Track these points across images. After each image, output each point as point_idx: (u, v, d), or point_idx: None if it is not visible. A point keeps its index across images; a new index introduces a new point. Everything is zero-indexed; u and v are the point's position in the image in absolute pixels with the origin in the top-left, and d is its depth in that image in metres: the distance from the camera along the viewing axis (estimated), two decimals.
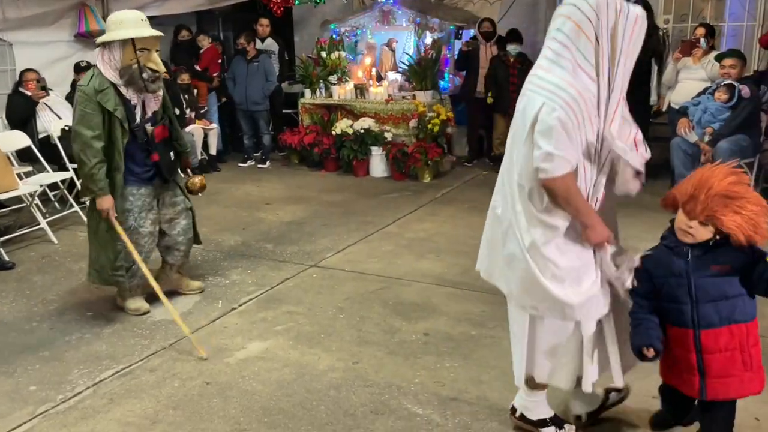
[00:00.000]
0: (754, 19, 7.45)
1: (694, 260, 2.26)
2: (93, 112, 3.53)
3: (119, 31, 3.57)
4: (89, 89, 3.54)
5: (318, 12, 8.96)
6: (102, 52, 3.60)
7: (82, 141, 3.53)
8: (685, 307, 2.27)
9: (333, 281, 4.36)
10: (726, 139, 5.45)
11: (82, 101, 3.54)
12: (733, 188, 2.17)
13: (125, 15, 3.61)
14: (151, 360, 3.37)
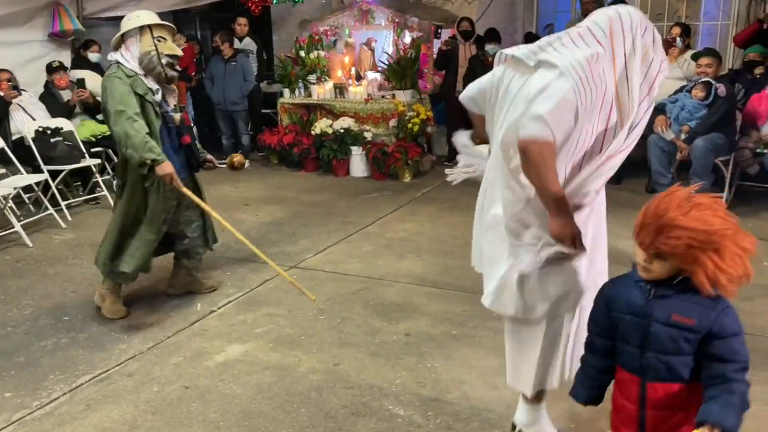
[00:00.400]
0: (728, 18, 7.55)
1: (654, 301, 1.83)
2: (130, 94, 3.58)
3: (135, 21, 3.68)
4: (120, 74, 3.60)
5: (296, 11, 8.92)
6: (120, 50, 3.70)
7: (127, 116, 3.51)
8: (636, 351, 1.87)
9: (313, 282, 4.34)
10: (702, 137, 5.51)
11: (117, 85, 3.56)
12: (692, 215, 1.71)
13: (140, 12, 3.79)
14: (128, 364, 3.32)
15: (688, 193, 1.79)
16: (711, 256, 1.70)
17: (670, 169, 5.74)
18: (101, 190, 6.34)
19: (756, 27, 6.75)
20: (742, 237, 1.74)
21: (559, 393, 2.50)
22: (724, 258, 1.71)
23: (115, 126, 3.54)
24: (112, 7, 8.01)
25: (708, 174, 5.60)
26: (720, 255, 1.70)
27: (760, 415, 2.75)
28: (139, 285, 4.33)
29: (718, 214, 1.73)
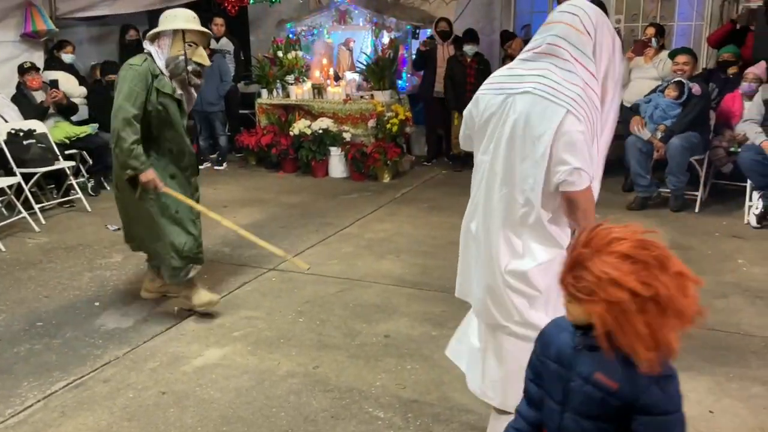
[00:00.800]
0: (702, 19, 7.65)
1: (581, 352, 1.49)
2: (141, 92, 3.52)
3: (171, 23, 3.64)
4: (143, 69, 3.54)
5: (274, 11, 8.87)
6: (153, 45, 3.66)
7: (125, 117, 3.46)
8: (556, 408, 1.53)
9: (292, 284, 4.31)
10: (678, 136, 5.58)
11: (131, 78, 3.50)
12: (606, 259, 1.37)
13: (178, 11, 3.72)
14: (104, 370, 3.27)
15: (626, 229, 1.42)
16: (616, 314, 1.34)
17: (648, 168, 5.80)
18: (75, 192, 6.25)
19: (729, 27, 6.85)
20: (676, 296, 1.35)
21: None
22: (634, 322, 1.34)
23: (114, 118, 3.49)
24: (86, 8, 7.90)
25: (683, 173, 5.68)
26: (628, 316, 1.34)
27: (737, 412, 2.79)
28: (114, 289, 4.27)
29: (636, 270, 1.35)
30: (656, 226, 5.34)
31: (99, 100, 7.08)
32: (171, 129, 3.67)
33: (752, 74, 5.74)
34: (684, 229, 5.28)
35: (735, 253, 4.73)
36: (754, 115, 5.40)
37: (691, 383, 3.01)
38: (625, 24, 7.88)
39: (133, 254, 4.91)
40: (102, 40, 8.73)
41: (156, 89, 3.56)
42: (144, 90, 3.52)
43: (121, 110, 3.47)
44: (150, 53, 3.63)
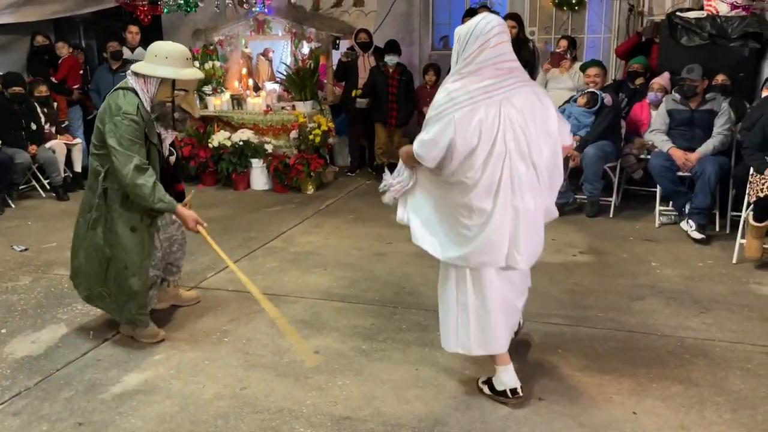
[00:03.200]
0: (610, 32, 8.01)
1: None
2: (140, 142, 3.35)
3: (163, 67, 3.39)
4: (139, 119, 3.33)
5: (189, 20, 8.63)
6: (139, 81, 3.40)
7: (136, 165, 3.28)
8: None
9: (216, 303, 4.17)
10: (592, 145, 5.79)
11: (132, 131, 3.30)
12: None
13: (171, 49, 3.44)
14: (14, 402, 3.04)
15: None
16: None
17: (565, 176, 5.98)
18: None
19: (635, 40, 7.20)
20: None
21: None
22: None
23: (121, 168, 3.28)
24: None
25: (598, 180, 5.90)
26: None
27: (658, 412, 2.89)
28: (22, 314, 4.01)
29: None
30: (573, 231, 5.52)
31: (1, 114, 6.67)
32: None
33: (658, 84, 6.04)
34: (600, 234, 5.48)
35: (648, 255, 4.94)
36: (659, 124, 5.66)
37: (615, 385, 3.10)
38: (539, 36, 8.15)
39: (43, 275, 4.66)
40: (5, 49, 8.23)
41: (147, 139, 3.41)
42: (141, 138, 3.36)
43: (129, 160, 3.27)
44: (136, 91, 3.38)
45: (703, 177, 5.23)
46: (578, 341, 3.56)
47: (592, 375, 3.19)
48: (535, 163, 2.77)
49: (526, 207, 2.80)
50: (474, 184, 2.76)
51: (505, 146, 2.71)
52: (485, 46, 2.69)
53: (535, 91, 2.79)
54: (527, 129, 2.72)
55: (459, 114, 2.66)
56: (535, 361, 3.34)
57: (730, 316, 3.86)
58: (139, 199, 3.36)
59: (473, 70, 2.72)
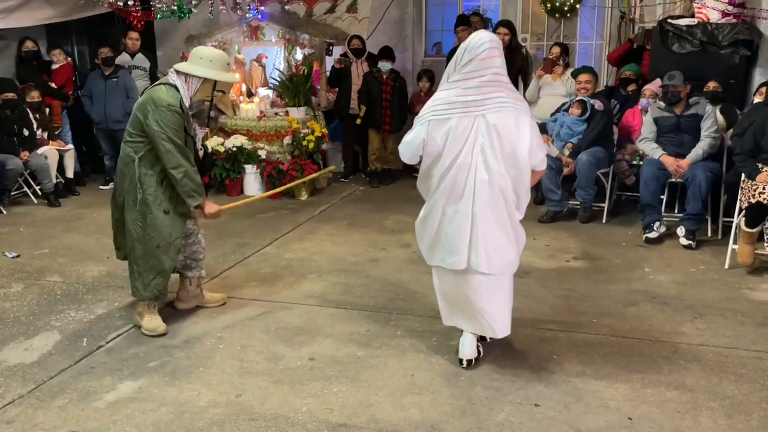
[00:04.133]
0: (601, 38, 8.06)
1: None
2: (181, 130, 3.64)
3: (207, 69, 3.71)
4: (179, 110, 3.63)
5: (182, 26, 8.61)
6: (180, 79, 3.70)
7: (183, 154, 3.62)
8: None
9: (210, 309, 4.15)
10: (585, 152, 5.82)
11: (175, 122, 3.59)
12: None
13: (214, 54, 3.78)
14: (7, 411, 3.02)
15: None
16: None
17: (558, 184, 6.02)
18: None
19: (627, 46, 7.25)
20: None
21: None
22: None
23: (171, 157, 3.59)
24: None
25: (591, 186, 5.92)
26: None
27: (654, 418, 2.90)
28: (15, 321, 3.98)
29: None
30: (567, 237, 5.54)
31: None
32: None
33: (649, 91, 6.08)
34: (593, 239, 5.50)
35: (641, 261, 4.97)
36: (647, 133, 5.67)
37: (610, 391, 3.11)
38: (531, 43, 8.19)
39: (35, 282, 4.63)
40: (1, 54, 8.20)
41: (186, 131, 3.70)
42: (182, 127, 3.65)
43: (179, 148, 3.59)
44: (176, 87, 3.67)
45: (694, 183, 5.26)
46: (573, 347, 3.56)
47: (587, 381, 3.20)
48: (498, 179, 3.03)
49: (485, 216, 3.06)
50: (437, 187, 3.13)
51: (471, 157, 3.01)
52: (474, 59, 3.00)
53: (516, 116, 3.00)
54: (494, 146, 2.99)
55: (434, 119, 3.04)
56: (530, 367, 3.34)
57: (724, 321, 3.88)
58: (179, 183, 3.64)
59: (460, 79, 3.03)
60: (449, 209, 3.12)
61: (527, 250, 5.18)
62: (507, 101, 3.00)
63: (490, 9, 8.68)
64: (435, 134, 3.05)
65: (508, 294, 3.29)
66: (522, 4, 8.24)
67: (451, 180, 3.07)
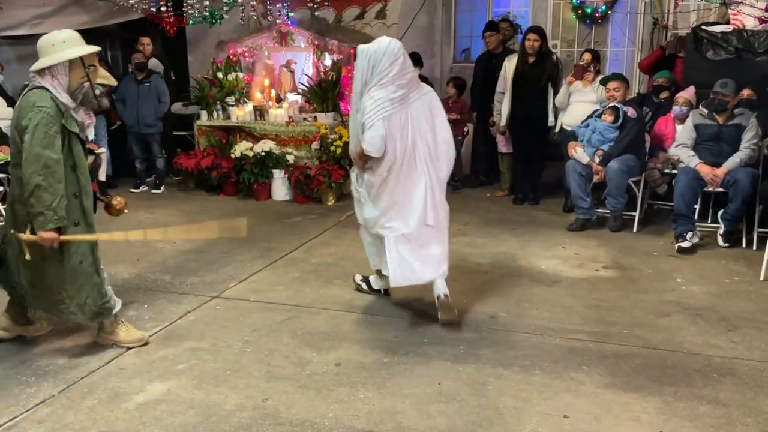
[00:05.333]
0: (633, 45, 7.96)
1: None
2: (56, 135, 3.25)
3: (66, 51, 3.34)
4: (53, 110, 3.25)
5: (213, 32, 8.72)
6: (46, 78, 3.32)
7: (45, 164, 3.19)
8: None
9: (237, 313, 4.18)
10: (616, 159, 5.74)
11: (45, 123, 3.21)
12: None
13: (62, 35, 3.38)
14: (38, 410, 3.06)
15: None
16: None
17: (588, 191, 5.95)
18: (1, 219, 5.93)
19: (659, 54, 7.15)
20: None
21: None
22: None
23: (29, 166, 3.20)
24: (14, 26, 7.62)
25: (622, 195, 5.84)
26: None
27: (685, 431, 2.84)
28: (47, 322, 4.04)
29: None
30: (597, 246, 5.47)
31: None
32: (75, 171, 3.40)
33: (683, 98, 5.99)
34: (624, 249, 5.42)
35: (674, 272, 4.88)
36: (685, 139, 5.60)
37: (641, 403, 3.05)
38: (561, 49, 8.13)
39: None
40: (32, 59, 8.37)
41: (66, 130, 3.32)
42: (58, 134, 3.26)
43: (38, 158, 3.18)
44: (46, 88, 3.31)
45: (736, 185, 5.19)
46: (603, 358, 3.51)
47: (617, 392, 3.15)
48: (431, 151, 3.89)
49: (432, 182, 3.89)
50: (390, 169, 3.85)
51: (411, 139, 3.82)
52: (396, 62, 3.73)
53: (429, 104, 3.90)
54: (423, 128, 3.86)
55: (385, 115, 3.72)
56: (559, 378, 3.30)
57: (759, 334, 3.79)
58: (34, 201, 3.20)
59: (389, 82, 3.73)
60: (406, 182, 3.87)
61: (556, 259, 5.15)
62: (423, 92, 3.89)
63: (520, 15, 8.63)
64: (389, 127, 3.75)
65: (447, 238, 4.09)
66: (552, 10, 8.18)
67: (407, 161, 3.84)
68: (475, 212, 6.66)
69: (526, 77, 6.66)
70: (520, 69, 6.69)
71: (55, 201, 3.23)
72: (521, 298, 4.36)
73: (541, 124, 6.75)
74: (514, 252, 5.35)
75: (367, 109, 3.72)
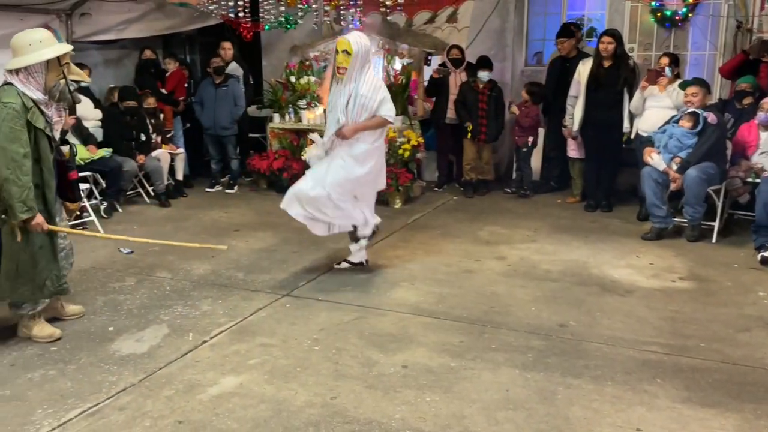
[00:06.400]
0: (715, 49, 7.66)
1: None
2: (22, 129, 3.47)
3: (42, 50, 3.55)
4: (18, 106, 3.47)
5: (287, 37, 8.91)
6: (18, 74, 3.54)
7: (12, 159, 3.43)
8: None
9: (307, 311, 4.26)
10: (694, 167, 5.54)
11: (10, 118, 3.44)
12: None
13: (40, 34, 3.60)
14: (120, 398, 3.22)
15: None
16: None
17: (664, 199, 5.77)
18: (88, 215, 6.24)
19: (741, 58, 6.85)
20: None
21: None
22: None
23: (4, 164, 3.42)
24: (101, 31, 7.98)
25: (701, 204, 5.63)
26: None
27: None
28: (128, 313, 4.24)
29: None
30: (673, 256, 5.30)
31: (114, 124, 7.12)
32: (39, 164, 3.60)
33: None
34: (701, 260, 5.23)
35: (755, 285, 4.67)
36: None
37: (719, 420, 2.95)
38: (638, 53, 7.90)
39: (146, 277, 4.92)
40: (117, 63, 8.80)
41: (31, 125, 3.52)
42: (24, 127, 3.47)
43: (4, 152, 3.40)
44: (12, 84, 3.51)
45: None
46: (678, 371, 3.40)
47: (694, 408, 3.04)
48: None
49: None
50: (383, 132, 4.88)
51: None
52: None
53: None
54: None
55: None
56: (632, 390, 3.22)
57: None
58: (6, 195, 3.45)
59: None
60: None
61: (629, 268, 5.02)
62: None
63: (596, 18, 8.45)
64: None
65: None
66: (629, 13, 7.96)
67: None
68: (544, 218, 6.56)
69: (600, 81, 6.52)
70: (595, 72, 6.55)
71: (24, 193, 3.46)
72: (592, 308, 4.28)
73: (615, 130, 6.59)
74: (585, 260, 5.25)
75: (382, 87, 4.63)
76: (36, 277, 3.72)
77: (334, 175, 4.63)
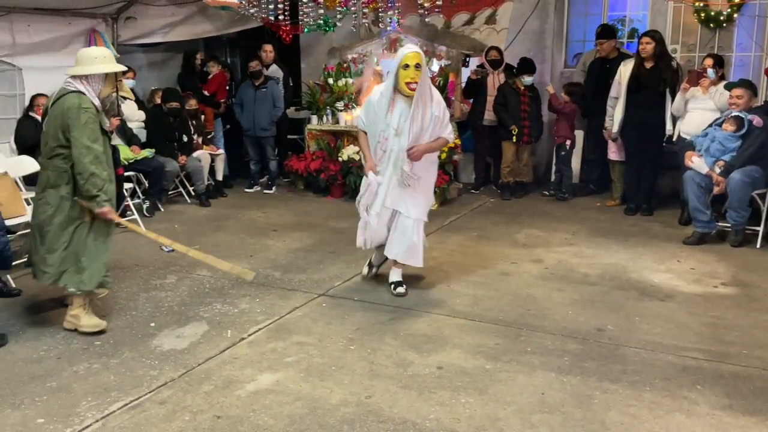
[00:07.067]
0: (761, 50, 7.47)
1: None
2: (98, 130, 3.89)
3: (105, 65, 3.96)
4: (94, 110, 3.87)
5: (325, 39, 9.00)
6: (82, 82, 3.90)
7: (96, 156, 3.81)
8: None
9: (342, 311, 4.30)
10: (738, 170, 5.42)
11: (91, 120, 3.82)
12: None
13: (101, 51, 4.05)
14: (160, 392, 3.30)
15: None
16: None
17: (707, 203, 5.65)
18: (132, 214, 6.39)
19: None
20: None
21: None
22: None
23: (81, 158, 3.77)
24: (146, 34, 8.18)
25: (745, 208, 5.51)
26: None
27: None
28: (169, 310, 4.34)
29: None
30: (716, 261, 5.19)
31: (157, 125, 7.29)
32: (102, 164, 3.90)
33: None
34: (746, 265, 5.11)
35: None
36: None
37: (760, 428, 2.89)
38: (681, 54, 7.75)
39: (187, 275, 5.02)
40: (160, 65, 9.00)
41: (101, 128, 3.92)
42: (99, 128, 3.88)
43: (90, 151, 3.78)
44: (81, 92, 3.85)
45: None
46: (719, 378, 3.33)
47: (735, 415, 2.98)
48: None
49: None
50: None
51: None
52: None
53: None
54: None
55: None
56: (670, 396, 3.17)
57: None
58: (90, 187, 3.78)
59: None
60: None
61: (670, 273, 4.94)
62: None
63: (637, 19, 8.32)
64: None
65: None
66: (672, 14, 7.81)
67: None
68: (583, 221, 6.49)
69: (641, 82, 6.42)
70: (636, 73, 6.46)
71: (105, 185, 3.86)
72: (631, 312, 4.22)
73: (656, 132, 6.49)
74: (624, 264, 5.18)
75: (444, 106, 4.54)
76: (91, 265, 3.97)
77: (413, 204, 4.61)
